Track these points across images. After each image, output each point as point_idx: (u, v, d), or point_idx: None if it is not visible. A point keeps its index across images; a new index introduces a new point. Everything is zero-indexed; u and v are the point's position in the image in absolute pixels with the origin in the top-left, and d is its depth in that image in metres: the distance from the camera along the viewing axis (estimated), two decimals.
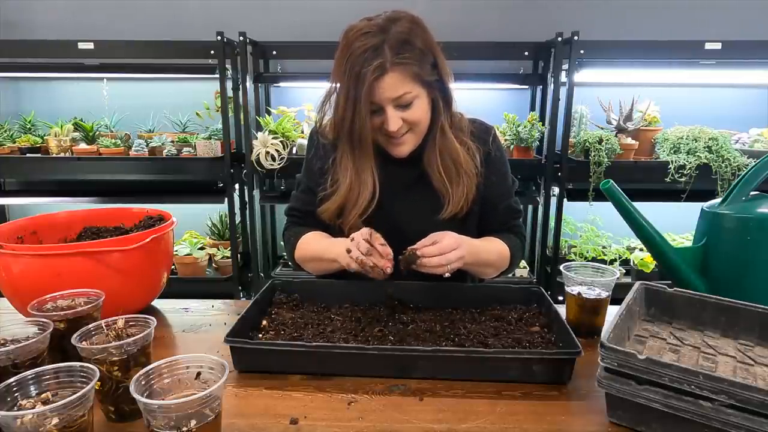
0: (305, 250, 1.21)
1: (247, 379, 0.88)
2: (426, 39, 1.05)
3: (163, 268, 1.21)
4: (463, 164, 1.14)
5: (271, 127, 2.46)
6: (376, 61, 0.98)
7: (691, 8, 2.69)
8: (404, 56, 1.00)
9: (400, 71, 1.01)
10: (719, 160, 2.34)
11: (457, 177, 1.14)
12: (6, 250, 1.03)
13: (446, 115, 1.13)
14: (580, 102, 2.54)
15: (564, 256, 2.68)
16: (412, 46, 1.01)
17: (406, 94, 1.03)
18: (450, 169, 1.13)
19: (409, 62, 1.01)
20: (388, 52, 0.99)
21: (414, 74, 1.02)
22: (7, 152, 2.56)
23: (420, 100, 1.06)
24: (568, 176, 2.48)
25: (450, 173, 1.14)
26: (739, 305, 0.90)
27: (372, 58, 0.98)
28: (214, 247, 2.75)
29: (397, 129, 1.06)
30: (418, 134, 1.11)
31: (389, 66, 0.99)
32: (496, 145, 1.23)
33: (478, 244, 1.14)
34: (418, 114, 1.07)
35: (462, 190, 1.14)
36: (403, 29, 1.01)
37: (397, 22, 1.02)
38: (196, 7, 2.75)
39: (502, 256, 1.19)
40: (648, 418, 0.72)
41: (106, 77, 2.76)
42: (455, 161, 1.13)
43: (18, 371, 0.70)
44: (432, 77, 1.07)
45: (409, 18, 1.04)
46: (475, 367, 0.86)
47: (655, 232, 1.06)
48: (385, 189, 1.15)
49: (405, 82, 1.02)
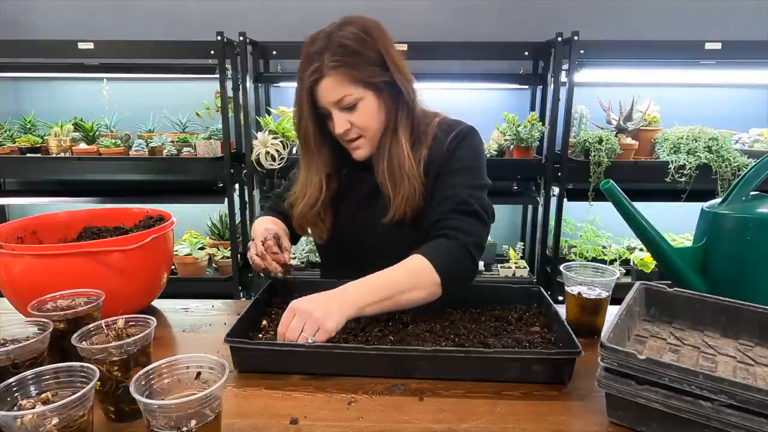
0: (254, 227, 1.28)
1: (247, 379, 0.88)
2: (374, 42, 1.05)
3: (163, 268, 1.21)
4: (407, 169, 1.10)
5: (271, 127, 2.46)
6: (314, 65, 1.03)
7: (691, 8, 2.69)
8: (341, 60, 1.02)
9: (337, 74, 1.03)
10: (719, 160, 2.34)
11: (401, 180, 1.11)
12: (6, 250, 1.03)
13: (402, 117, 1.11)
14: (580, 102, 2.54)
15: (564, 256, 2.68)
16: (352, 50, 1.03)
17: (347, 97, 1.05)
18: (395, 172, 1.11)
19: (345, 65, 1.03)
20: (326, 57, 1.02)
21: (353, 77, 1.04)
22: (7, 152, 2.56)
23: (365, 102, 1.07)
24: (568, 176, 2.48)
25: (394, 177, 1.11)
26: (739, 305, 0.90)
27: (311, 62, 1.04)
28: (214, 247, 2.75)
29: (343, 131, 1.08)
30: (370, 138, 1.11)
31: (326, 70, 1.03)
32: (456, 143, 1.13)
33: (369, 280, 0.98)
34: (364, 116, 1.08)
35: (403, 194, 1.10)
36: (346, 34, 1.03)
37: (344, 27, 1.05)
38: (196, 7, 2.75)
39: (413, 274, 1.00)
40: (648, 418, 0.72)
41: (106, 77, 2.76)
42: (401, 164, 1.10)
43: (18, 371, 0.70)
44: (381, 79, 1.06)
45: (358, 24, 1.06)
46: (475, 367, 0.86)
47: (655, 232, 1.06)
48: (347, 194, 1.21)
49: (343, 85, 1.04)
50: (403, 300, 0.98)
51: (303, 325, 0.89)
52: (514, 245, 2.85)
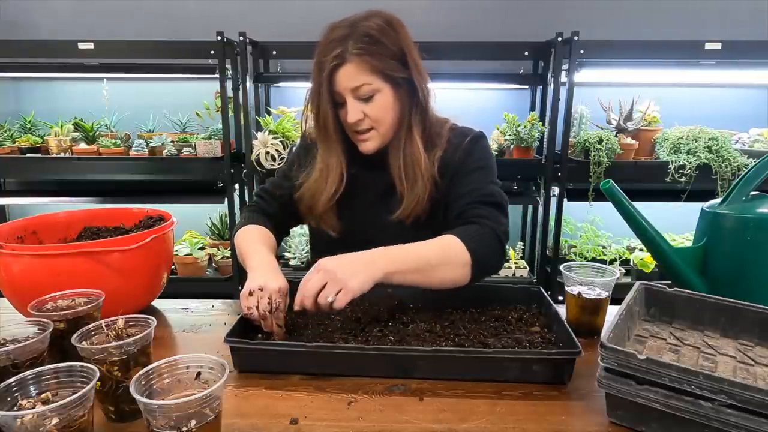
0: (241, 240, 1.17)
1: (247, 379, 0.88)
2: (397, 37, 1.06)
3: (163, 268, 1.21)
4: (423, 168, 1.12)
5: (271, 127, 2.46)
6: (337, 50, 1.03)
7: (691, 8, 2.69)
8: (365, 48, 1.03)
9: (359, 62, 1.03)
10: (719, 160, 2.34)
11: (414, 180, 1.12)
12: (6, 250, 1.03)
13: (416, 116, 1.12)
14: (580, 102, 2.54)
15: (564, 256, 2.68)
16: (377, 41, 1.04)
17: (365, 86, 1.05)
18: (410, 170, 1.12)
19: (368, 54, 1.03)
20: (349, 44, 1.02)
21: (374, 67, 1.04)
22: (7, 152, 2.56)
23: (382, 95, 1.07)
24: (568, 176, 2.48)
25: (409, 175, 1.12)
26: (739, 305, 0.90)
27: (334, 48, 1.03)
28: (214, 247, 2.75)
29: (356, 120, 1.07)
30: (381, 132, 1.12)
31: (348, 56, 1.02)
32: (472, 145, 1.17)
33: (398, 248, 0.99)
34: (379, 109, 1.08)
35: (416, 193, 1.12)
36: (371, 24, 1.04)
37: (369, 19, 1.06)
38: (196, 7, 2.75)
39: (444, 249, 1.01)
40: (648, 418, 0.72)
41: (106, 77, 2.76)
42: (416, 163, 1.12)
43: (18, 371, 0.70)
44: (399, 74, 1.07)
45: (383, 16, 1.07)
46: (475, 367, 0.86)
47: (655, 232, 1.06)
48: (358, 192, 1.18)
49: (363, 73, 1.04)
50: (433, 276, 0.99)
51: (323, 285, 0.89)
52: (514, 245, 2.85)
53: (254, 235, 1.17)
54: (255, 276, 0.99)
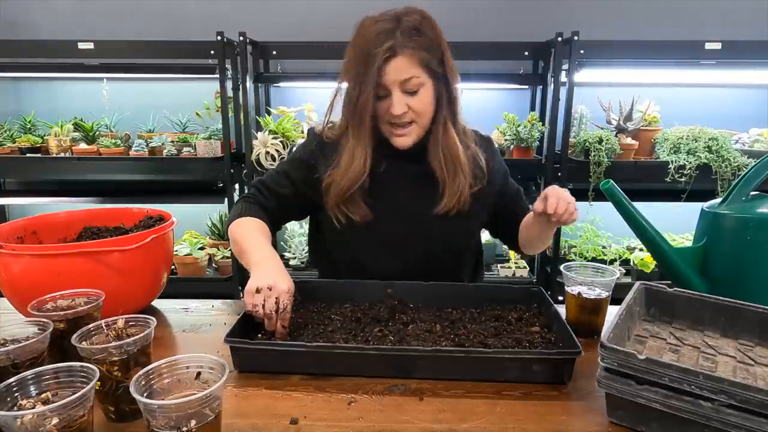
0: (239, 230, 1.16)
1: (247, 379, 0.88)
2: (435, 34, 1.09)
3: (163, 268, 1.21)
4: (462, 163, 1.16)
5: (271, 127, 2.46)
6: (388, 43, 1.04)
7: (691, 8, 2.69)
8: (416, 41, 1.05)
9: (410, 55, 1.05)
10: (719, 160, 2.34)
11: (454, 173, 1.16)
12: (6, 250, 1.03)
13: (449, 113, 1.15)
14: (580, 102, 2.54)
15: (564, 256, 2.68)
16: (423, 35, 1.06)
17: (414, 79, 1.07)
18: (450, 163, 1.16)
19: (419, 47, 1.05)
20: (399, 36, 1.04)
21: (422, 60, 1.06)
22: (7, 152, 2.56)
23: (425, 89, 1.09)
24: (568, 176, 2.48)
25: (449, 167, 1.16)
26: (739, 305, 0.90)
27: (384, 40, 1.04)
28: (214, 247, 2.75)
29: (402, 113, 1.08)
30: (421, 126, 1.13)
31: (399, 49, 1.04)
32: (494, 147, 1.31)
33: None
34: (422, 103, 1.10)
35: (457, 186, 1.16)
36: (414, 20, 1.07)
37: (410, 14, 1.08)
38: (196, 7, 2.75)
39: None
40: (648, 418, 0.72)
41: (106, 77, 2.76)
42: (455, 157, 1.16)
43: (18, 371, 0.70)
44: (439, 70, 1.10)
45: (420, 12, 1.10)
46: (475, 367, 0.86)
47: (655, 232, 1.06)
48: (387, 183, 1.18)
49: (413, 66, 1.06)
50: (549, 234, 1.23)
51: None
52: None
53: (254, 228, 1.16)
54: (261, 273, 0.98)
